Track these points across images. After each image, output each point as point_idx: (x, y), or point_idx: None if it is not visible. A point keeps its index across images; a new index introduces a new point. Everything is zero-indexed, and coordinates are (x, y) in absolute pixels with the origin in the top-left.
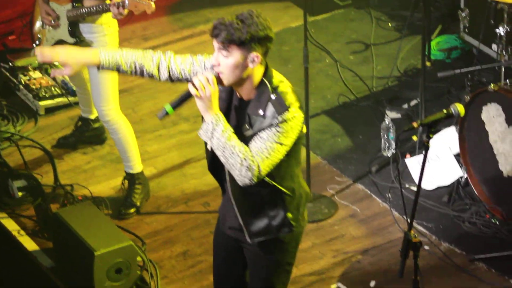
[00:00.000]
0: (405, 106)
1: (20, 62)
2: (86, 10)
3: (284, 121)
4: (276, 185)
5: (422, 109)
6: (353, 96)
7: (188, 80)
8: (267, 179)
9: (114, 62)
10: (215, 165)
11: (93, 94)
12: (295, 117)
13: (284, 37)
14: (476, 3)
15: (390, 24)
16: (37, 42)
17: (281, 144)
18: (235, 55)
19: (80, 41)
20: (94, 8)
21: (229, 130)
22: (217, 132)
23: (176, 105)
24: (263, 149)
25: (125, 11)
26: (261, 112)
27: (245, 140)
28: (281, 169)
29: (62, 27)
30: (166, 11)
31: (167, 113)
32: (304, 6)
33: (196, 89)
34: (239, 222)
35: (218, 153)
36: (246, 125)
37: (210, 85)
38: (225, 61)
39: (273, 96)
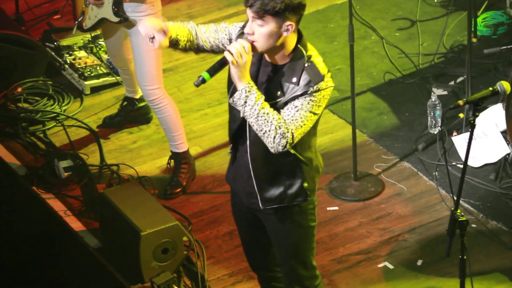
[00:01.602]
0: (452, 83)
1: (65, 42)
2: None
3: (319, 90)
4: (297, 154)
5: (468, 86)
6: (399, 74)
7: (213, 49)
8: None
9: (176, 34)
10: (239, 132)
11: (137, 73)
12: (328, 87)
13: (329, 14)
14: None
15: (436, 0)
16: (80, 19)
17: (314, 113)
18: (270, 24)
19: (124, 20)
20: None
21: (262, 97)
22: (251, 99)
23: (213, 72)
24: (296, 117)
25: None
26: (295, 79)
27: (276, 107)
28: (302, 139)
29: (106, 5)
30: None
31: (204, 80)
32: None
33: (233, 56)
34: (254, 189)
35: (251, 120)
36: (278, 92)
37: (246, 53)
38: (259, 30)
39: (307, 64)
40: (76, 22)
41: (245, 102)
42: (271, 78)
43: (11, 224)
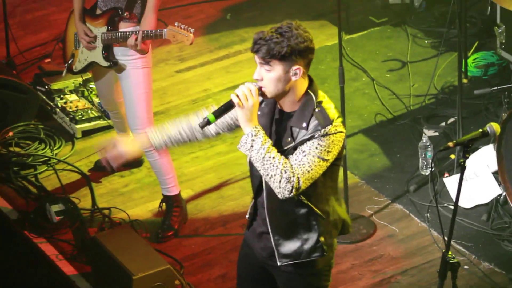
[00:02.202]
0: (443, 124)
1: (56, 85)
2: (122, 34)
3: (327, 134)
4: (311, 205)
5: (459, 127)
6: (390, 115)
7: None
8: (303, 197)
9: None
10: (259, 187)
11: (128, 117)
12: (337, 132)
13: (320, 56)
14: None
15: (426, 41)
16: (70, 62)
17: (322, 159)
18: (277, 69)
19: (113, 65)
20: (130, 34)
21: (269, 142)
22: (257, 143)
23: (218, 114)
24: (304, 162)
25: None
26: (304, 124)
27: (286, 153)
28: (317, 189)
29: (96, 49)
30: (202, 32)
31: (209, 122)
32: (338, 24)
33: (239, 98)
34: (271, 244)
35: (257, 165)
36: (288, 138)
37: (252, 96)
38: (267, 75)
39: (317, 109)
40: (66, 64)
41: (251, 146)
42: (281, 125)
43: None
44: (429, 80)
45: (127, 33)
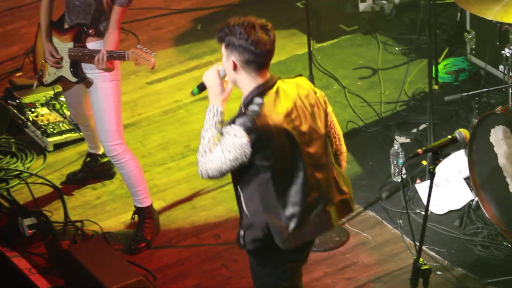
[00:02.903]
0: (414, 130)
1: (27, 99)
2: (88, 52)
3: (226, 133)
4: (242, 198)
5: (430, 133)
6: (362, 122)
7: None
8: (238, 186)
9: None
10: None
11: (98, 129)
12: (236, 137)
13: (290, 65)
14: (482, 25)
15: (397, 48)
16: (40, 74)
17: (224, 155)
18: (224, 54)
19: (81, 80)
20: (96, 52)
21: (211, 122)
22: (206, 120)
23: (200, 89)
24: (215, 151)
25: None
26: (232, 119)
27: None
28: (248, 192)
29: (64, 64)
30: (172, 43)
31: (193, 93)
32: (308, 33)
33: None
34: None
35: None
36: None
37: (216, 77)
38: (222, 59)
39: (242, 109)
40: (37, 76)
41: (207, 115)
42: None
43: None
44: (400, 87)
45: (93, 52)
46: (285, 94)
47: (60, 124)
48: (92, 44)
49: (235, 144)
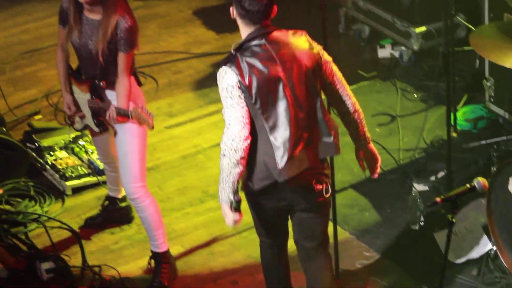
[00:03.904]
0: (432, 178)
1: (46, 142)
2: (103, 106)
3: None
4: None
5: (449, 181)
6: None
7: None
8: None
9: None
10: None
11: (121, 170)
12: (221, 78)
13: None
14: (501, 72)
15: (415, 95)
16: (72, 120)
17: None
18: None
19: (104, 130)
20: (107, 107)
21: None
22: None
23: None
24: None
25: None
26: None
27: None
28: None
29: (87, 114)
30: (192, 87)
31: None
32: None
33: None
34: None
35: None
36: None
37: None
38: None
39: (232, 52)
40: (69, 122)
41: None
42: None
43: None
44: (419, 134)
45: (106, 106)
46: (277, 41)
47: (79, 168)
48: (109, 93)
49: (224, 89)
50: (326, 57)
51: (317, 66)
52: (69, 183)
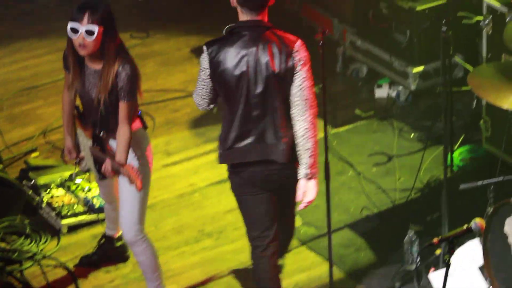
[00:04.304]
0: (429, 218)
1: (42, 180)
2: (102, 156)
3: None
4: None
5: (445, 222)
6: (376, 209)
7: None
8: None
9: None
10: None
11: (122, 215)
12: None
13: None
14: (498, 112)
15: (412, 135)
16: (78, 160)
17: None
18: None
19: (105, 178)
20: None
21: None
22: None
23: None
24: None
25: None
26: None
27: None
28: None
29: (89, 159)
30: (189, 125)
31: None
32: (324, 119)
33: None
34: None
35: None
36: None
37: None
38: None
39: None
40: (76, 162)
41: None
42: None
43: None
44: (415, 174)
45: (104, 157)
46: (259, 38)
47: (75, 206)
48: (110, 141)
49: (201, 63)
50: (302, 72)
51: (288, 75)
52: (65, 221)
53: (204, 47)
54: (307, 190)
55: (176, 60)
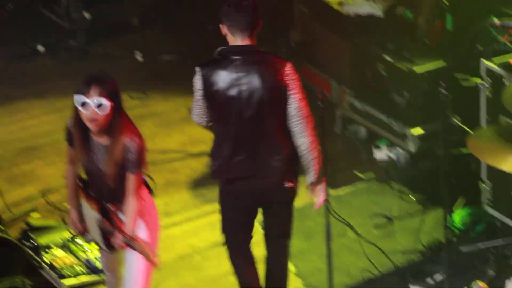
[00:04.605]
0: (430, 281)
1: (43, 240)
2: (111, 230)
3: None
4: None
5: (446, 284)
6: (377, 272)
7: None
8: None
9: None
10: None
11: (126, 281)
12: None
13: (306, 211)
14: (498, 174)
15: (412, 197)
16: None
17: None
18: None
19: (114, 250)
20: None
21: None
22: None
23: None
24: None
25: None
26: None
27: None
28: None
29: (95, 231)
30: (188, 186)
31: None
32: (325, 180)
33: None
34: None
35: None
36: None
37: None
38: None
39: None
40: (81, 231)
41: None
42: None
43: None
44: (416, 236)
45: (113, 231)
46: (250, 61)
47: (76, 267)
48: (121, 215)
49: (194, 84)
50: (296, 93)
51: (281, 97)
52: (66, 282)
53: (197, 68)
54: (318, 192)
55: (175, 120)
